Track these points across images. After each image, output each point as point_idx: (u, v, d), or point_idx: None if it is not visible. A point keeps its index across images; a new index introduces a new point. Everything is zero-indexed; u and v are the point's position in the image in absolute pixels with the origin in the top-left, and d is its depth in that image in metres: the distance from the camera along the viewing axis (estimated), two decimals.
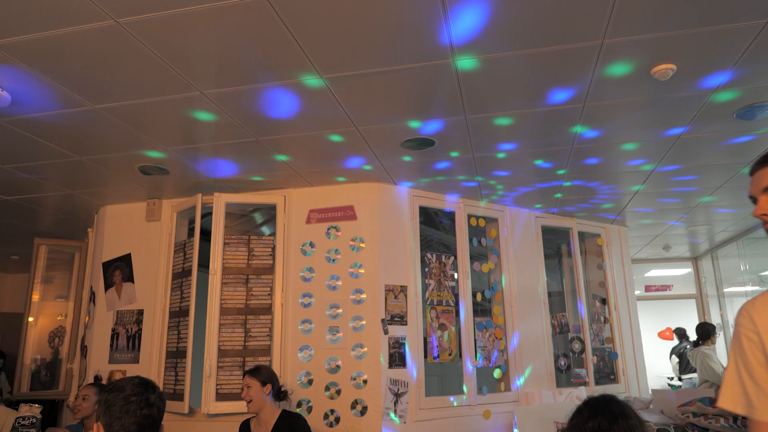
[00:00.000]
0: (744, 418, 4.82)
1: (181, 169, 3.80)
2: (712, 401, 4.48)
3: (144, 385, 1.62)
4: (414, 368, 4.06)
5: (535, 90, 2.76)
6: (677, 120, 3.16)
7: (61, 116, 2.94)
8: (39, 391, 5.33)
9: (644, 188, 4.48)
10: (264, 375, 3.31)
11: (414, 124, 3.13)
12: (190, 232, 4.50)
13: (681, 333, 8.19)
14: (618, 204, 4.97)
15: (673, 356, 8.38)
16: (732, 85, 2.74)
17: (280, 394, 3.40)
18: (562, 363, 5.01)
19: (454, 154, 3.61)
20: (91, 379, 4.35)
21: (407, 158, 3.69)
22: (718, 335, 6.32)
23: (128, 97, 2.76)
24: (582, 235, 5.57)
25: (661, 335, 8.86)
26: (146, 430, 1.55)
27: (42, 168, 3.74)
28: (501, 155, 3.65)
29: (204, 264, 4.14)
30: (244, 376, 3.32)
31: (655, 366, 8.44)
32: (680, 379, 7.88)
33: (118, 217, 4.68)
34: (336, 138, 3.32)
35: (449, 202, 4.59)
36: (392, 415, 3.85)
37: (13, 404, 5.02)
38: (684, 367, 8.07)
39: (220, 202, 4.20)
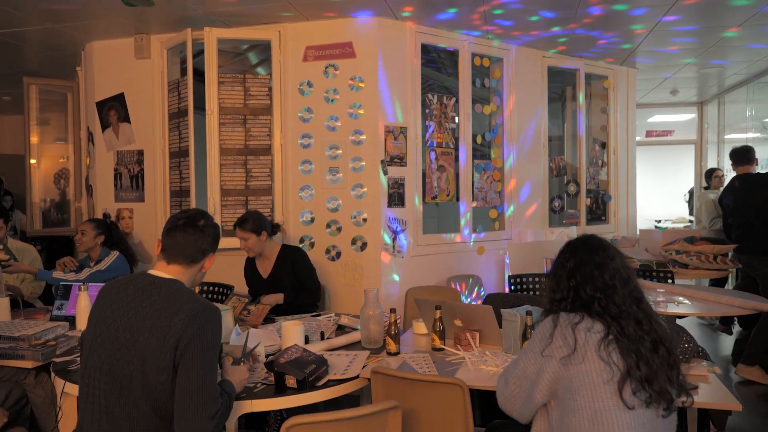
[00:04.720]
0: (723, 255, 5.09)
1: None
2: (694, 240, 4.70)
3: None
4: (412, 208, 4.18)
5: None
6: None
7: None
8: (51, 228, 5.56)
9: (659, 27, 4.22)
10: (254, 223, 3.24)
11: None
12: (183, 72, 4.34)
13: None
14: (631, 43, 4.73)
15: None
16: None
17: (274, 230, 3.48)
18: (557, 204, 5.16)
19: None
20: (100, 217, 4.51)
21: None
22: (717, 179, 6.38)
23: None
24: (588, 78, 5.39)
25: None
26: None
27: None
28: None
29: (200, 106, 4.05)
30: (235, 228, 3.29)
31: (645, 210, 8.66)
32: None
33: (106, 54, 4.47)
34: None
35: (453, 39, 4.36)
36: (391, 245, 4.05)
37: (29, 240, 5.27)
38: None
39: (211, 37, 3.98)
